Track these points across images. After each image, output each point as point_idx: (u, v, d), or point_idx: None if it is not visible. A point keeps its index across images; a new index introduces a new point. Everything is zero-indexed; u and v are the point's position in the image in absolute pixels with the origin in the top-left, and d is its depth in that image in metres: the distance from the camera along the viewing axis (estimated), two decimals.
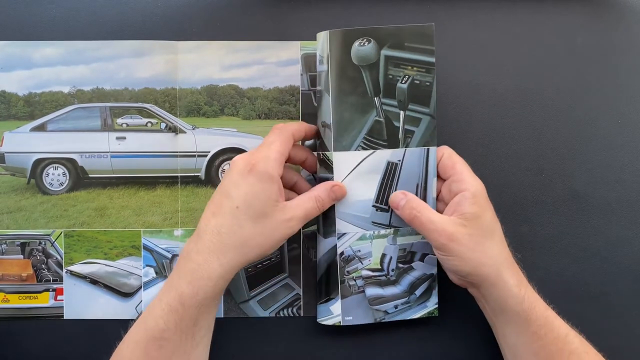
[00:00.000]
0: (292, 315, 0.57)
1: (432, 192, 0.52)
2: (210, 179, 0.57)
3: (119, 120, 0.57)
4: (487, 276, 0.47)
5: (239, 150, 0.57)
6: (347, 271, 0.53)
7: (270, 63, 0.57)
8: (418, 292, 0.54)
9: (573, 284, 0.57)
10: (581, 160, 0.57)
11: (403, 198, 0.51)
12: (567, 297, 0.56)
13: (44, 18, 0.56)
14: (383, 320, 0.53)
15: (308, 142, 0.57)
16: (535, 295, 0.49)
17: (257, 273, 0.57)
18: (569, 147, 0.57)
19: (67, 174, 0.57)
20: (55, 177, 0.57)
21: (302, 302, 0.57)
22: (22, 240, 0.57)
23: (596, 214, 0.57)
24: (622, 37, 0.57)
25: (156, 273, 0.57)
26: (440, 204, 0.52)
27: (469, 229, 0.48)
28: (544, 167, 0.57)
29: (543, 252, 0.57)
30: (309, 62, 0.56)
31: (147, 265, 0.57)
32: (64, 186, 0.57)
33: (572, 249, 0.57)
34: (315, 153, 0.54)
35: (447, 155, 0.52)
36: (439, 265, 0.53)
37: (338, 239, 0.52)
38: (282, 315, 0.57)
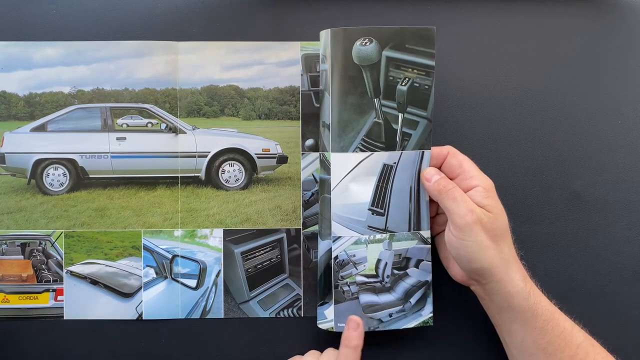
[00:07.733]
0: (292, 315, 0.57)
1: (425, 195, 0.52)
2: (211, 179, 0.57)
3: (119, 121, 0.57)
4: (496, 270, 0.47)
5: (239, 151, 0.57)
6: (341, 276, 0.52)
7: (270, 63, 0.57)
8: (413, 300, 0.53)
9: (573, 284, 0.57)
10: (581, 160, 0.57)
11: (436, 174, 0.50)
12: (567, 297, 0.56)
13: (44, 18, 0.56)
14: (377, 329, 0.53)
15: (309, 142, 0.57)
16: (538, 291, 0.49)
17: (258, 274, 0.57)
18: (569, 147, 0.57)
19: (68, 175, 0.57)
20: (56, 177, 0.57)
21: (302, 303, 0.57)
22: (22, 241, 0.56)
23: (596, 214, 0.57)
24: (622, 37, 0.58)
25: (156, 273, 0.57)
26: None
27: (490, 218, 0.47)
28: (545, 168, 0.57)
29: (543, 252, 0.57)
30: (309, 62, 0.56)
31: (147, 266, 0.57)
32: (64, 186, 0.57)
33: (572, 249, 0.57)
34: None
35: (452, 154, 0.51)
36: (433, 272, 0.53)
37: (333, 242, 0.52)
38: (282, 315, 0.57)
